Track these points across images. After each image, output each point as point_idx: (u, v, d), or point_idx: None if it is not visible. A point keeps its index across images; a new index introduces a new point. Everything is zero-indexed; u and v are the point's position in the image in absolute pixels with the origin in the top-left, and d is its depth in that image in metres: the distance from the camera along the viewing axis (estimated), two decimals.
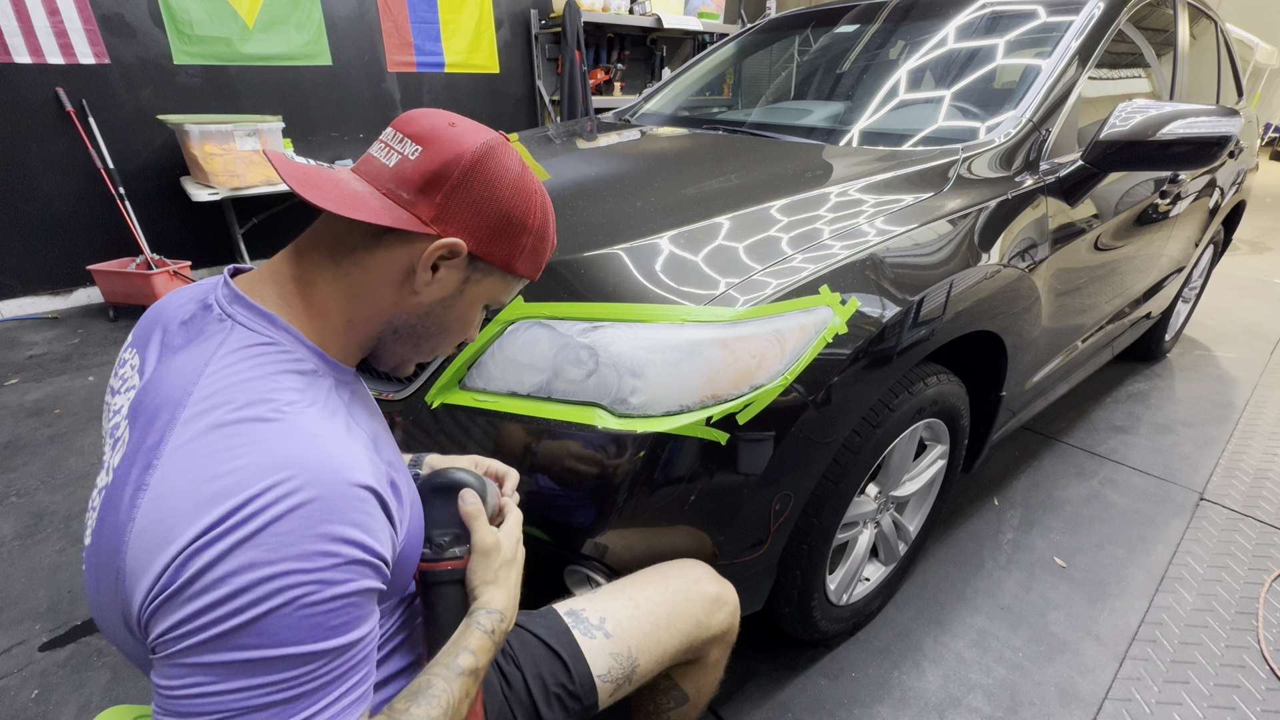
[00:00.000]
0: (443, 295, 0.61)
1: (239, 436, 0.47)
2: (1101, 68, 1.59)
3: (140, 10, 3.05)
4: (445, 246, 0.57)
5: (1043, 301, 1.40)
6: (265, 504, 0.45)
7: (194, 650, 0.44)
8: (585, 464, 0.91)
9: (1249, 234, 5.33)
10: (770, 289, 0.96)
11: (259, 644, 0.44)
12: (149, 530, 0.45)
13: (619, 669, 0.77)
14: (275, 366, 0.53)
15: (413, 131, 0.58)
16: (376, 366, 0.66)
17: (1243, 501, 1.91)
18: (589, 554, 0.94)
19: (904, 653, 1.39)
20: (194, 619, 0.43)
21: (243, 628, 0.44)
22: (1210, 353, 2.97)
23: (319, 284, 0.58)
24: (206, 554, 0.43)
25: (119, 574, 0.46)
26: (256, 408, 0.49)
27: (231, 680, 0.44)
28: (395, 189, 0.57)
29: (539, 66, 4.50)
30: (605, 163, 1.51)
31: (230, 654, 0.44)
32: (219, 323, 0.55)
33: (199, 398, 0.49)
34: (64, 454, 2.02)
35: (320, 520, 0.46)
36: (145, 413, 0.51)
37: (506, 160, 0.60)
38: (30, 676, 1.30)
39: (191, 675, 0.44)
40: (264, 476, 0.45)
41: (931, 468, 1.39)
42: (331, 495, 0.47)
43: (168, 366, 0.54)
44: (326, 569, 0.46)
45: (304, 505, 0.46)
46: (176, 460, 0.47)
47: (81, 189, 3.12)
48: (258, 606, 0.44)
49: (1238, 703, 1.30)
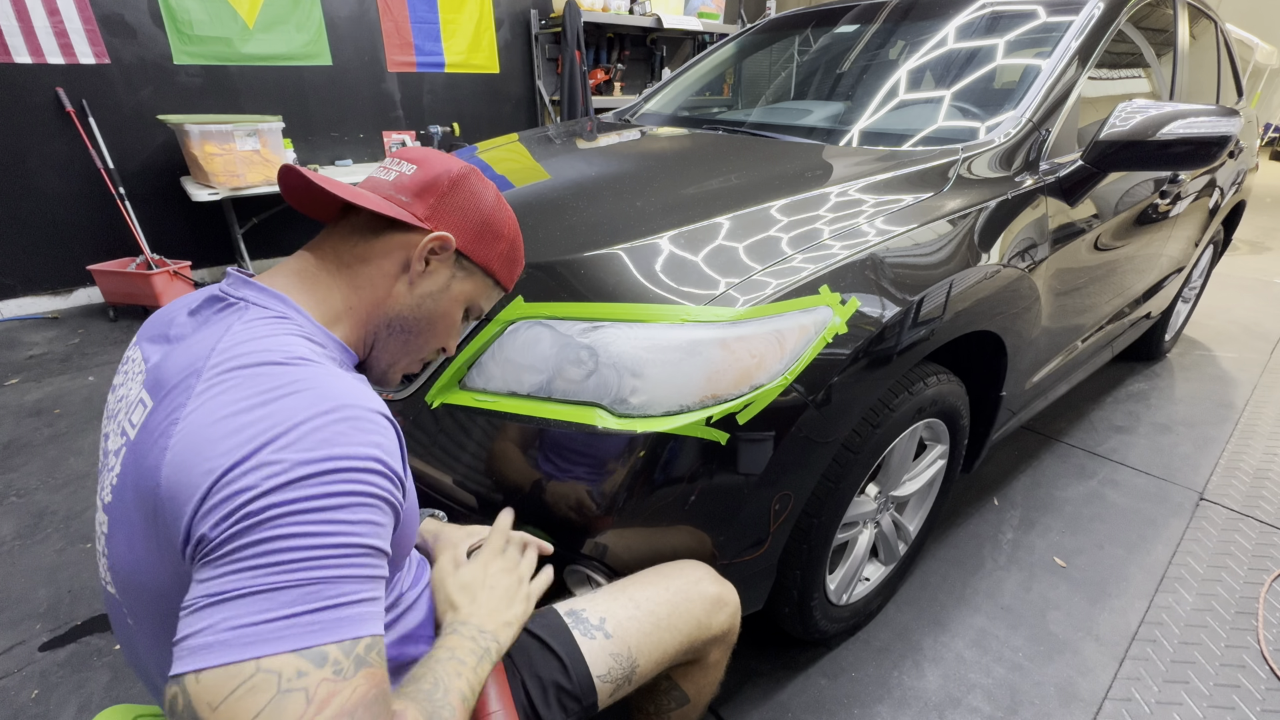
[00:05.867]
0: (433, 288, 0.69)
1: (265, 373, 0.51)
2: (1101, 68, 1.59)
3: (140, 10, 3.05)
4: (438, 239, 0.66)
5: (1043, 301, 1.40)
6: (303, 419, 0.48)
7: (238, 537, 0.44)
8: (585, 464, 0.91)
9: (1249, 234, 5.33)
10: (770, 289, 0.96)
11: (299, 533, 0.45)
12: (187, 455, 0.47)
13: (618, 669, 0.77)
14: (290, 331, 0.58)
15: (408, 157, 0.70)
16: (368, 375, 0.71)
17: (1242, 501, 1.91)
18: (589, 554, 0.94)
19: (904, 653, 1.39)
20: (241, 509, 0.45)
21: (279, 519, 0.45)
22: (1210, 352, 2.97)
23: (324, 275, 0.65)
24: (254, 461, 0.46)
25: (157, 508, 0.49)
26: (276, 354, 0.53)
27: (268, 570, 0.44)
28: (394, 194, 0.67)
29: (539, 66, 4.50)
30: (605, 163, 1.51)
31: (272, 541, 0.44)
32: (230, 305, 0.60)
33: (219, 351, 0.53)
34: (64, 454, 2.03)
35: (353, 430, 0.50)
36: (166, 381, 0.55)
37: (484, 182, 0.73)
38: (30, 676, 1.30)
39: (229, 570, 0.44)
40: (295, 406, 0.49)
41: (931, 468, 1.39)
42: (359, 416, 0.51)
43: (182, 346, 0.57)
44: (357, 470, 0.49)
45: (339, 420, 0.50)
46: (205, 397, 0.50)
47: (81, 189, 3.13)
48: (297, 504, 0.45)
49: (1238, 703, 1.30)
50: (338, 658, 0.45)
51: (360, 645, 0.46)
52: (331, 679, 0.44)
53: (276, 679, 0.42)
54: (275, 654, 0.43)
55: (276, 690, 0.42)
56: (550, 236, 1.09)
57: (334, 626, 0.45)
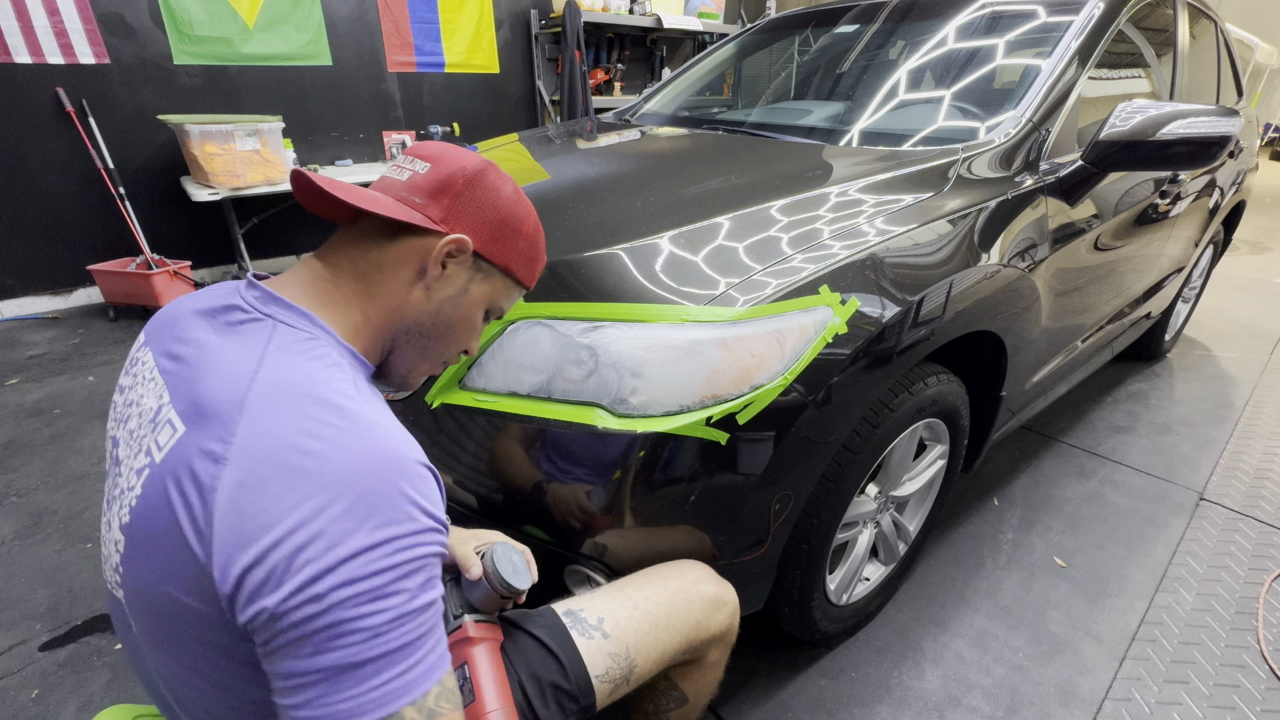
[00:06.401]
0: (450, 293, 0.67)
1: (314, 417, 0.51)
2: (1101, 68, 1.59)
3: (140, 10, 3.05)
4: (455, 243, 0.64)
5: (1042, 301, 1.40)
6: (358, 480, 0.49)
7: (310, 621, 0.47)
8: (585, 464, 0.91)
9: (1249, 234, 5.33)
10: (770, 289, 0.96)
11: (368, 613, 0.48)
12: (238, 500, 0.48)
13: (617, 669, 0.77)
14: (324, 360, 0.57)
15: (421, 154, 0.67)
16: (386, 382, 0.70)
17: (1242, 501, 1.91)
18: (588, 554, 0.94)
19: (904, 652, 1.39)
20: (307, 588, 0.46)
21: (349, 600, 0.47)
22: (1210, 353, 2.97)
23: (340, 284, 0.63)
24: (313, 529, 0.47)
25: (191, 540, 0.49)
26: (322, 392, 0.53)
27: (341, 652, 0.47)
28: (409, 196, 0.64)
29: (539, 66, 4.50)
30: (605, 163, 1.51)
31: (343, 625, 0.47)
32: (258, 321, 0.58)
33: (261, 383, 0.52)
34: (64, 454, 2.03)
35: (407, 491, 0.51)
36: (201, 406, 0.53)
37: (502, 177, 0.69)
38: (30, 676, 1.30)
39: (308, 653, 0.47)
40: (348, 465, 0.50)
41: (931, 468, 1.39)
42: (410, 473, 0.52)
43: (212, 364, 0.56)
44: (409, 527, 0.51)
45: (392, 481, 0.51)
46: (253, 437, 0.50)
47: (81, 189, 3.12)
48: (363, 582, 0.48)
49: (1238, 703, 1.30)
50: (412, 717, 0.50)
51: (429, 698, 0.51)
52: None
53: None
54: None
55: None
56: (550, 236, 1.09)
57: (406, 690, 0.50)
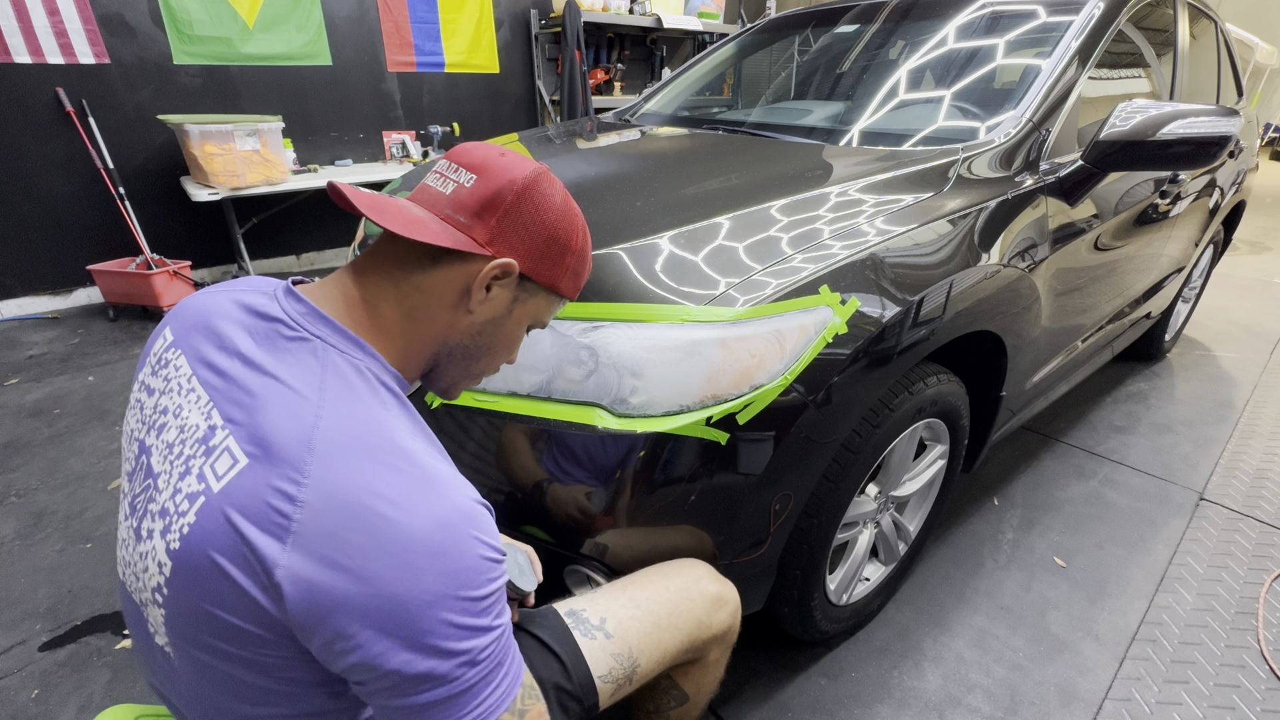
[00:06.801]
0: (493, 315, 0.64)
1: (387, 469, 0.52)
2: (1101, 68, 1.59)
3: (140, 10, 3.05)
4: (500, 267, 0.60)
5: (1043, 301, 1.40)
6: (433, 544, 0.51)
7: (407, 667, 0.50)
8: (585, 464, 0.91)
9: (1249, 234, 5.33)
10: (770, 289, 0.96)
11: (461, 649, 0.52)
12: (319, 548, 0.49)
13: (619, 669, 0.77)
14: (380, 396, 0.57)
15: (467, 162, 0.62)
16: (431, 389, 0.70)
17: (1243, 501, 1.91)
18: (589, 554, 0.94)
19: (904, 652, 1.39)
20: (401, 647, 0.50)
21: (446, 652, 0.51)
22: (1210, 353, 2.97)
23: (382, 307, 0.60)
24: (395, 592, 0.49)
25: (262, 576, 0.49)
26: (388, 437, 0.54)
27: (442, 685, 0.51)
28: (453, 214, 0.60)
29: (539, 66, 4.50)
30: (605, 163, 1.51)
31: (440, 665, 0.51)
32: (306, 342, 0.56)
33: (328, 425, 0.52)
34: (64, 454, 2.02)
35: (476, 540, 0.53)
36: (266, 441, 0.51)
37: (553, 186, 0.64)
38: (30, 676, 1.30)
39: (407, 688, 0.51)
40: (428, 523, 0.51)
41: (931, 468, 1.39)
42: (475, 520, 0.54)
43: (269, 390, 0.54)
44: (485, 574, 0.53)
45: (464, 536, 0.52)
46: (329, 488, 0.50)
47: (81, 189, 3.12)
48: (455, 630, 0.51)
49: (1238, 703, 1.30)
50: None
51: (518, 700, 0.57)
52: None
53: None
54: None
55: None
56: None
57: (501, 701, 0.55)
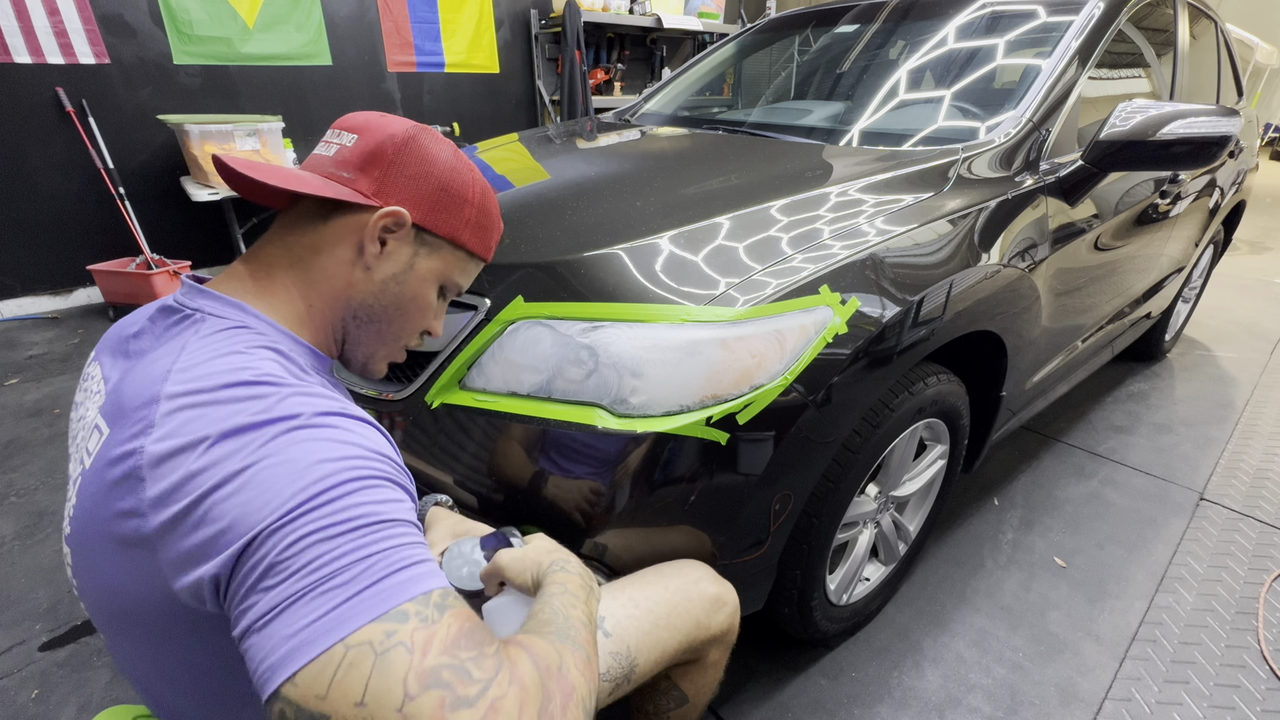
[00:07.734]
0: (394, 271, 0.64)
1: (231, 397, 0.49)
2: (1101, 68, 1.59)
3: (140, 10, 3.05)
4: (389, 215, 0.61)
5: (1043, 301, 1.40)
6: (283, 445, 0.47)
7: (273, 563, 0.44)
8: (585, 464, 0.91)
9: (1249, 234, 5.33)
10: (770, 289, 0.96)
11: (327, 524, 0.45)
12: (171, 487, 0.46)
13: (617, 668, 0.77)
14: (252, 344, 0.54)
15: (348, 125, 0.64)
16: (348, 368, 0.69)
17: (1243, 501, 1.91)
18: (589, 554, 0.94)
19: (904, 653, 1.39)
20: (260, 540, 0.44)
21: (311, 532, 0.44)
22: (1210, 353, 2.97)
23: (276, 272, 0.61)
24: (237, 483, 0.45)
25: (131, 539, 0.47)
26: (242, 373, 0.50)
27: (315, 569, 0.43)
28: (336, 171, 0.62)
29: (539, 66, 4.50)
30: (605, 163, 1.51)
31: (305, 546, 0.44)
32: (185, 317, 0.57)
33: (178, 371, 0.50)
34: (64, 454, 2.02)
35: (340, 433, 0.49)
36: (122, 407, 0.51)
37: (438, 141, 0.65)
38: (30, 676, 1.30)
39: (275, 583, 0.43)
40: (279, 426, 0.47)
41: (931, 468, 1.39)
42: (341, 424, 0.50)
43: (140, 366, 0.54)
44: (358, 458, 0.48)
45: (320, 429, 0.49)
46: (168, 428, 0.47)
47: (81, 189, 3.12)
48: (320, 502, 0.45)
49: (1238, 703, 1.30)
50: (419, 609, 0.44)
51: (434, 595, 0.45)
52: (421, 626, 0.43)
53: (369, 648, 0.42)
54: (357, 629, 0.42)
55: (375, 655, 0.42)
56: (550, 236, 1.09)
57: (402, 588, 0.44)
